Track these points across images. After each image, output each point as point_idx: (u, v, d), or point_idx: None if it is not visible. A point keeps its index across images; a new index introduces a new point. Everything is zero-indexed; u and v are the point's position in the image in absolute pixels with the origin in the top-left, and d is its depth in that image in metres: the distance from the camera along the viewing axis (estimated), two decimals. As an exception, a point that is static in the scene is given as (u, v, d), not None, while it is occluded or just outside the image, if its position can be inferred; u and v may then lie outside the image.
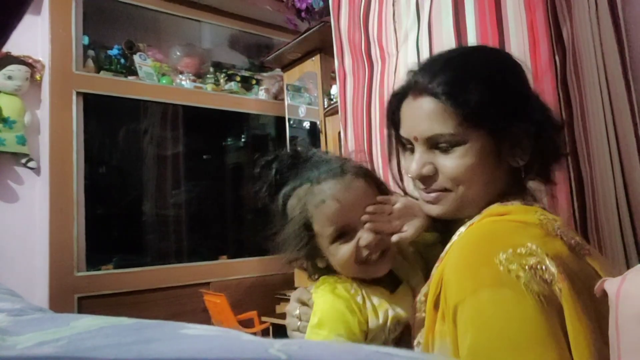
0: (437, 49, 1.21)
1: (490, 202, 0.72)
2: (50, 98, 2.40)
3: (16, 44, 2.39)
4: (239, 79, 3.18)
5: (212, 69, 3.16)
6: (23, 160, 2.42)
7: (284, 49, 2.77)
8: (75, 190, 2.40)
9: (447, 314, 0.62)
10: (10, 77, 2.34)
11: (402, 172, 0.87)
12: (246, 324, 2.44)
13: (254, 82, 3.28)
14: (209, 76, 3.09)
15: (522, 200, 0.72)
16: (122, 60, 2.77)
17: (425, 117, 0.70)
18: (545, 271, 0.57)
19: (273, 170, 0.78)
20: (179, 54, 3.05)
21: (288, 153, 0.80)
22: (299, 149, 0.82)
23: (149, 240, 2.85)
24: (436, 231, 0.80)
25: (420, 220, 0.77)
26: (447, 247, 0.71)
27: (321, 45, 2.60)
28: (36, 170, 2.46)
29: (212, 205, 3.14)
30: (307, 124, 2.87)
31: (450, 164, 0.70)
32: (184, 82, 2.95)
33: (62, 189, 2.37)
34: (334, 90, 2.56)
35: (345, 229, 0.73)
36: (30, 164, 2.43)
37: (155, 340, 0.41)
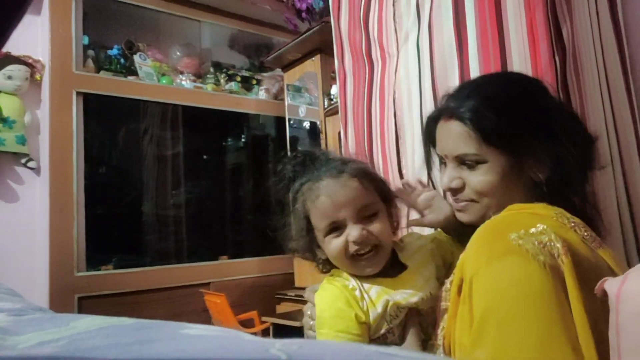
0: (438, 49, 1.21)
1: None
2: (50, 98, 2.40)
3: (16, 44, 2.39)
4: (239, 79, 3.18)
5: (212, 69, 3.16)
6: (23, 160, 2.42)
7: (284, 49, 2.76)
8: (75, 190, 2.40)
9: (465, 291, 0.68)
10: (10, 77, 2.35)
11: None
12: (246, 324, 2.43)
13: (254, 82, 3.27)
14: (209, 76, 3.09)
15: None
16: (122, 60, 2.77)
17: (453, 138, 0.81)
18: (552, 247, 0.64)
19: (289, 167, 0.87)
20: (178, 54, 3.05)
21: (303, 152, 0.88)
22: (312, 150, 0.92)
23: (149, 240, 2.85)
24: (465, 235, 0.84)
25: (444, 214, 0.89)
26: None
27: (321, 46, 2.60)
28: (36, 170, 2.46)
29: (213, 205, 3.14)
30: (307, 124, 2.87)
31: (475, 180, 0.80)
32: (184, 82, 2.95)
33: (62, 189, 2.37)
34: (334, 90, 2.55)
35: (337, 224, 0.79)
36: (30, 164, 2.43)
37: (156, 341, 0.41)
